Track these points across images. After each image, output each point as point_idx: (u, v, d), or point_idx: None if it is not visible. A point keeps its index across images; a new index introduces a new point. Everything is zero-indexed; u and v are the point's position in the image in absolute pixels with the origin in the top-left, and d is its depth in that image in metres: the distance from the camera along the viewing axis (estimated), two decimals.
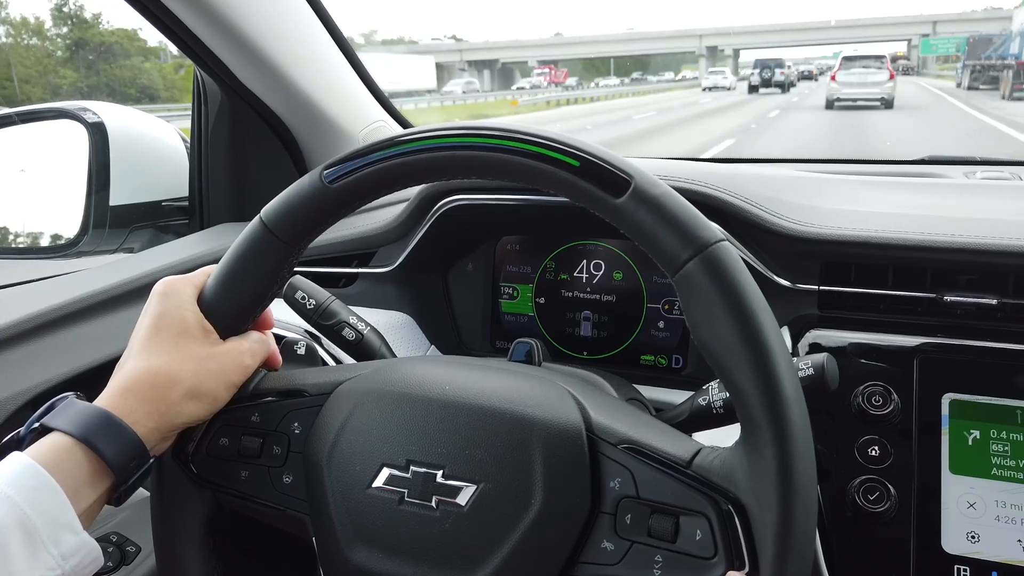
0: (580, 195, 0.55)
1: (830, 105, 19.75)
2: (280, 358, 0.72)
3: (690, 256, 0.51)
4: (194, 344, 0.62)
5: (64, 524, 0.53)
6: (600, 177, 0.54)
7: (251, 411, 0.65)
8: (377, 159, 0.59)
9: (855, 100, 19.75)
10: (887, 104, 19.20)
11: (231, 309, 0.65)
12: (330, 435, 0.61)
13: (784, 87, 29.56)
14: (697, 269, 0.51)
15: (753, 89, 30.41)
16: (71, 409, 0.58)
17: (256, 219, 0.63)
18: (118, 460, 0.57)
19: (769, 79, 30.54)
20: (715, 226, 0.53)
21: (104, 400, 0.59)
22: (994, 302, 0.80)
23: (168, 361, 0.61)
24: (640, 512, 0.54)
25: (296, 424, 0.64)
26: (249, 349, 0.66)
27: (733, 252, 0.52)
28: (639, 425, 0.57)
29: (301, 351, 0.75)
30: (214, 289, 0.65)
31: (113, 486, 0.58)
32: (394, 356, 0.82)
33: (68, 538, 0.53)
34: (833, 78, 20.39)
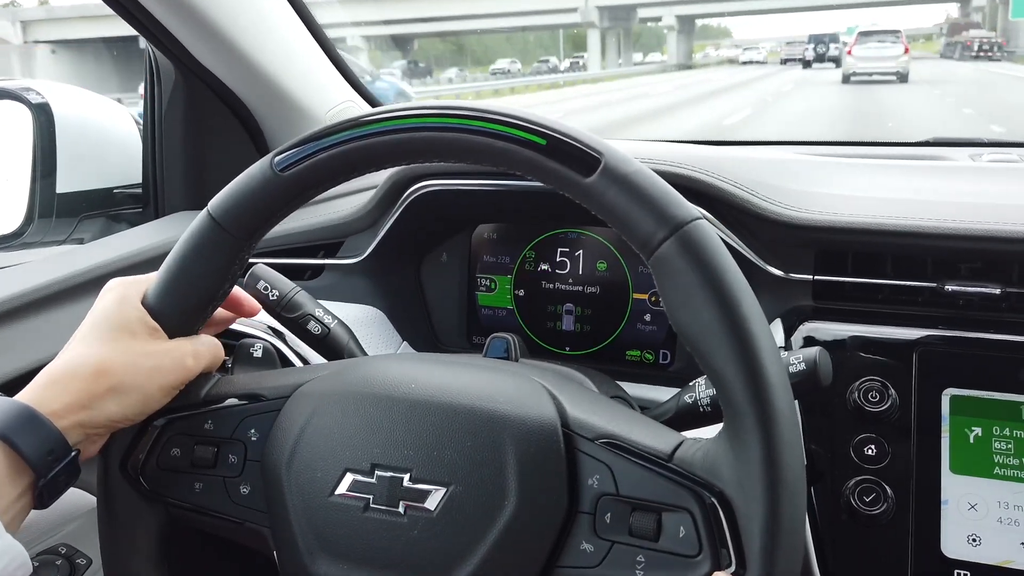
0: (548, 175, 0.55)
1: (846, 79, 20.43)
2: (221, 358, 0.71)
3: (665, 236, 0.52)
4: (132, 340, 0.62)
5: None
6: (568, 155, 0.54)
7: (204, 418, 0.65)
8: (331, 144, 0.59)
9: (871, 74, 20.32)
10: (902, 78, 19.74)
11: (178, 307, 0.64)
12: (289, 441, 0.61)
13: (838, 62, 29.73)
14: (672, 250, 0.51)
15: (807, 64, 30.57)
16: None
17: (203, 212, 0.62)
18: (34, 453, 0.56)
19: (824, 54, 30.69)
20: (691, 204, 0.53)
21: (26, 393, 0.59)
22: (998, 292, 0.80)
23: (98, 353, 0.61)
24: (620, 510, 0.54)
25: (253, 431, 0.64)
26: (193, 351, 0.65)
27: (710, 230, 0.52)
28: (618, 419, 0.58)
29: (258, 354, 0.74)
30: (160, 288, 0.64)
31: (32, 483, 0.58)
32: (363, 352, 0.82)
33: None
34: (849, 52, 21.04)
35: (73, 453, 0.60)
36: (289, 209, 0.63)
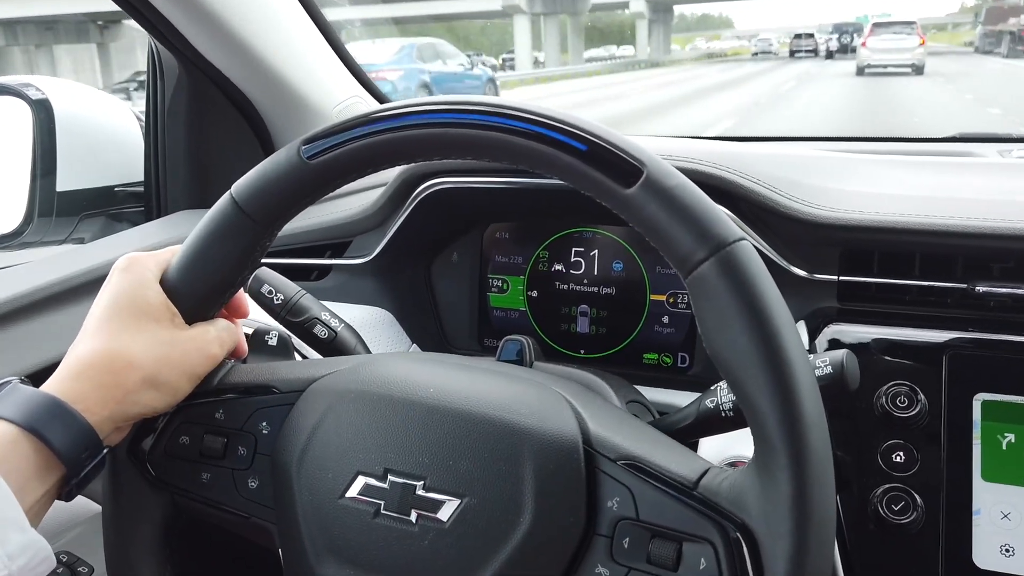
0: (585, 183, 0.54)
1: (860, 71, 20.54)
2: (246, 347, 0.72)
3: (705, 256, 0.51)
4: (156, 327, 0.62)
5: (10, 521, 0.52)
6: (609, 164, 0.53)
7: (215, 407, 0.65)
8: (361, 134, 0.59)
9: (885, 67, 20.41)
10: (917, 70, 19.78)
11: (197, 292, 0.65)
12: (301, 437, 0.61)
13: None
14: (712, 271, 0.51)
15: (829, 55, 30.55)
16: (15, 395, 0.57)
17: (226, 196, 0.63)
18: (69, 451, 0.56)
19: (848, 44, 30.63)
20: (734, 225, 0.53)
21: (53, 385, 0.59)
22: None
23: (127, 343, 0.60)
24: (639, 536, 0.53)
25: (264, 423, 0.64)
26: (217, 337, 0.66)
27: (753, 253, 0.51)
28: (642, 439, 0.57)
29: (273, 342, 0.74)
30: (179, 269, 0.64)
31: (63, 479, 0.58)
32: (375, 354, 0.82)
33: (15, 536, 0.52)
34: (864, 44, 21.14)
35: (105, 450, 0.60)
36: (313, 199, 0.63)
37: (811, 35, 35.38)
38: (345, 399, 0.62)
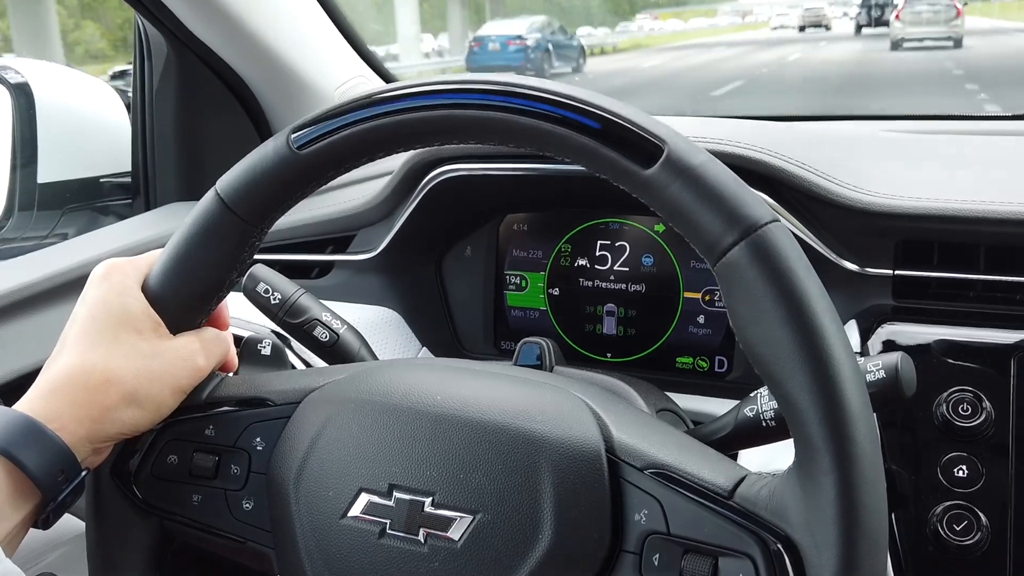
0: (602, 165, 0.54)
1: (895, 46, 20.56)
2: (236, 360, 0.72)
3: (734, 241, 0.50)
4: (137, 338, 0.62)
5: None
6: (626, 142, 0.53)
7: (205, 423, 0.65)
8: (355, 120, 0.59)
9: (922, 40, 20.53)
10: (956, 43, 19.98)
11: (182, 299, 0.65)
12: (298, 453, 0.61)
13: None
14: (743, 257, 0.50)
15: (859, 29, 30.41)
16: None
17: (211, 192, 0.63)
18: (44, 474, 0.57)
19: (880, 17, 30.43)
20: (766, 205, 0.52)
21: (26, 403, 0.59)
22: None
23: (105, 357, 0.61)
24: (671, 551, 0.53)
25: (258, 439, 0.64)
26: (203, 348, 0.66)
27: (787, 235, 0.51)
28: (671, 445, 0.57)
29: (266, 351, 0.75)
30: (162, 275, 0.65)
31: (39, 505, 0.58)
32: (376, 360, 0.82)
33: None
34: (897, 17, 21.15)
35: (84, 473, 0.60)
36: (305, 192, 0.63)
37: (819, 9, 34.75)
38: (345, 410, 0.62)
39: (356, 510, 0.58)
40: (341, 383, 0.64)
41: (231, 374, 0.71)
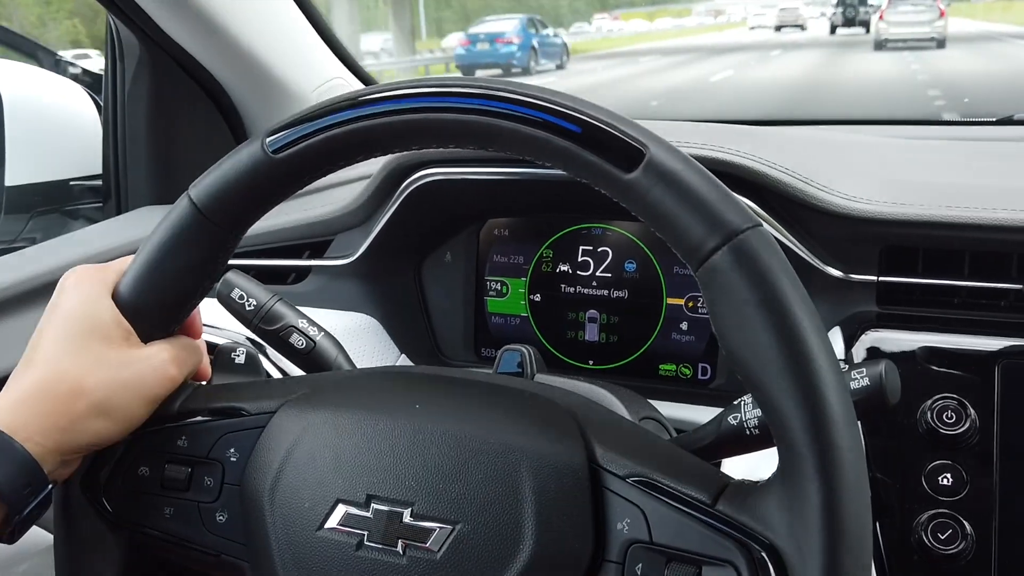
0: (582, 169, 0.54)
1: (879, 46, 21.26)
2: (210, 369, 0.72)
3: (716, 245, 0.51)
4: (107, 347, 0.62)
5: None
6: (607, 146, 0.53)
7: (177, 434, 0.65)
8: (333, 123, 0.59)
9: (905, 40, 21.10)
10: (939, 44, 20.59)
11: (154, 307, 0.64)
12: (273, 464, 0.61)
13: (869, 26, 30.04)
14: (725, 262, 0.51)
15: (833, 29, 30.80)
16: None
17: (184, 197, 0.62)
18: (9, 487, 0.56)
19: (853, 18, 30.85)
20: (748, 209, 0.52)
21: None
22: None
23: (73, 366, 0.60)
24: (653, 560, 0.53)
25: (232, 450, 0.64)
26: (175, 357, 0.65)
27: (770, 240, 0.51)
28: (653, 453, 0.57)
29: (240, 360, 0.74)
30: (134, 282, 0.64)
31: (4, 518, 0.57)
32: (353, 367, 0.82)
33: None
34: (881, 17, 21.68)
35: (50, 486, 0.59)
36: (281, 197, 0.63)
37: (794, 9, 35.13)
38: (321, 420, 0.61)
39: (333, 521, 0.58)
40: (318, 392, 0.64)
41: (205, 383, 0.71)
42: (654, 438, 0.62)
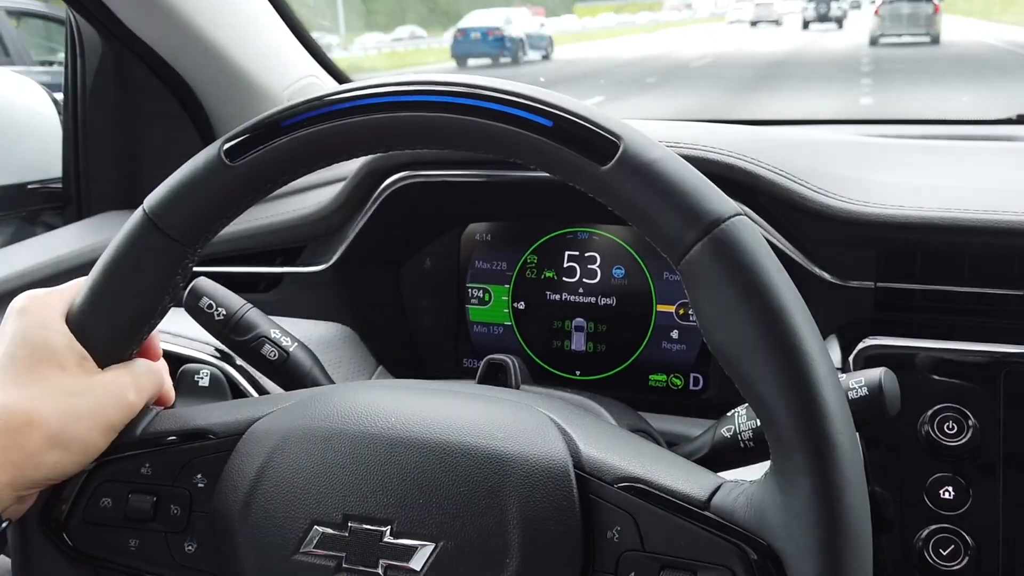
0: (555, 164, 0.55)
1: (874, 42, 22.13)
2: (173, 393, 0.71)
3: (696, 237, 0.51)
4: (61, 375, 0.61)
5: None
6: (580, 140, 0.54)
7: (140, 461, 0.64)
8: (292, 126, 0.59)
9: (900, 35, 22.04)
10: (934, 40, 21.36)
11: (110, 330, 0.64)
12: (243, 487, 0.61)
13: (841, 23, 30.60)
14: (705, 254, 0.51)
15: (805, 25, 31.38)
16: None
17: (138, 212, 0.62)
18: None
19: (825, 13, 31.52)
20: (728, 199, 0.53)
21: None
22: None
23: (26, 397, 0.60)
24: (647, 569, 0.53)
25: (199, 476, 0.63)
26: (133, 382, 0.65)
27: (752, 229, 0.52)
28: (641, 457, 0.57)
29: (203, 382, 0.74)
30: (87, 304, 0.64)
31: None
32: (329, 380, 0.81)
33: None
34: (876, 13, 22.29)
35: (4, 524, 0.59)
36: (241, 207, 0.62)
37: (768, 3, 35.79)
38: (292, 438, 0.61)
39: (309, 545, 0.58)
40: (288, 410, 0.64)
41: (168, 408, 0.70)
42: (641, 442, 0.62)
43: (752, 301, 0.50)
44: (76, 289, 0.65)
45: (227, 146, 0.60)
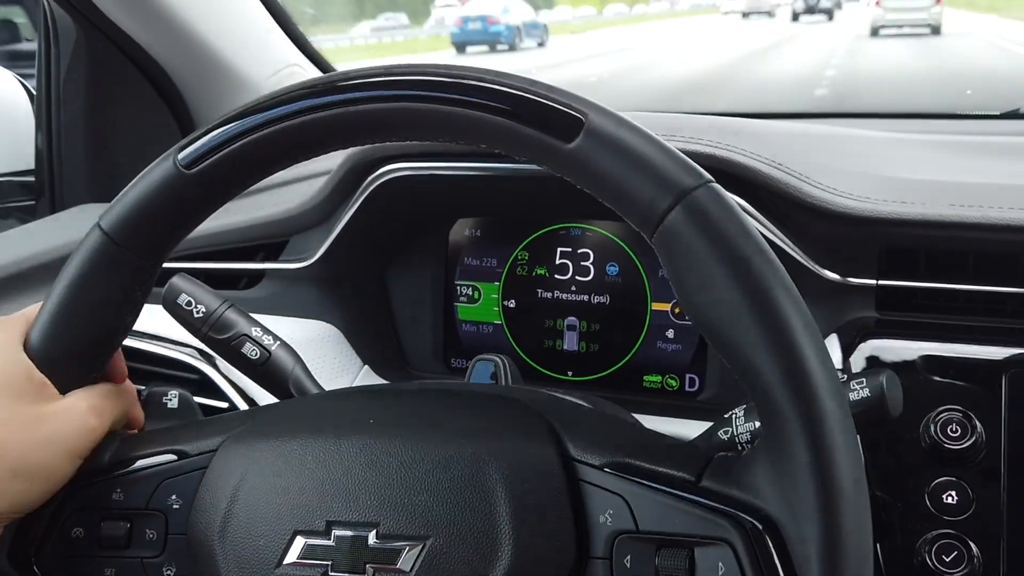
0: (520, 146, 0.55)
1: (875, 32, 22.58)
2: (142, 415, 0.71)
3: (669, 206, 0.52)
4: (19, 403, 0.61)
5: None
6: (542, 118, 0.54)
7: (111, 487, 0.64)
8: (245, 129, 0.59)
9: (900, 26, 22.45)
10: (935, 30, 21.77)
11: (70, 354, 0.63)
12: (220, 504, 0.60)
13: (831, 14, 30.94)
14: (680, 221, 0.51)
15: (795, 17, 31.68)
16: None
17: (94, 228, 0.62)
18: None
19: (815, 5, 31.87)
20: (699, 167, 0.53)
21: None
22: None
23: None
24: (643, 550, 0.54)
25: (173, 497, 0.63)
26: (95, 406, 0.64)
27: (724, 195, 0.52)
28: (628, 437, 0.58)
29: (172, 404, 0.74)
30: (45, 328, 0.63)
31: None
32: (312, 379, 0.81)
33: None
34: (877, 3, 22.64)
35: None
36: (203, 215, 0.62)
37: None
38: (268, 450, 0.61)
39: (292, 556, 0.58)
40: (261, 423, 0.64)
41: (136, 431, 0.70)
42: (626, 425, 0.63)
43: (730, 264, 0.50)
44: (32, 314, 0.65)
45: (182, 154, 0.59)
